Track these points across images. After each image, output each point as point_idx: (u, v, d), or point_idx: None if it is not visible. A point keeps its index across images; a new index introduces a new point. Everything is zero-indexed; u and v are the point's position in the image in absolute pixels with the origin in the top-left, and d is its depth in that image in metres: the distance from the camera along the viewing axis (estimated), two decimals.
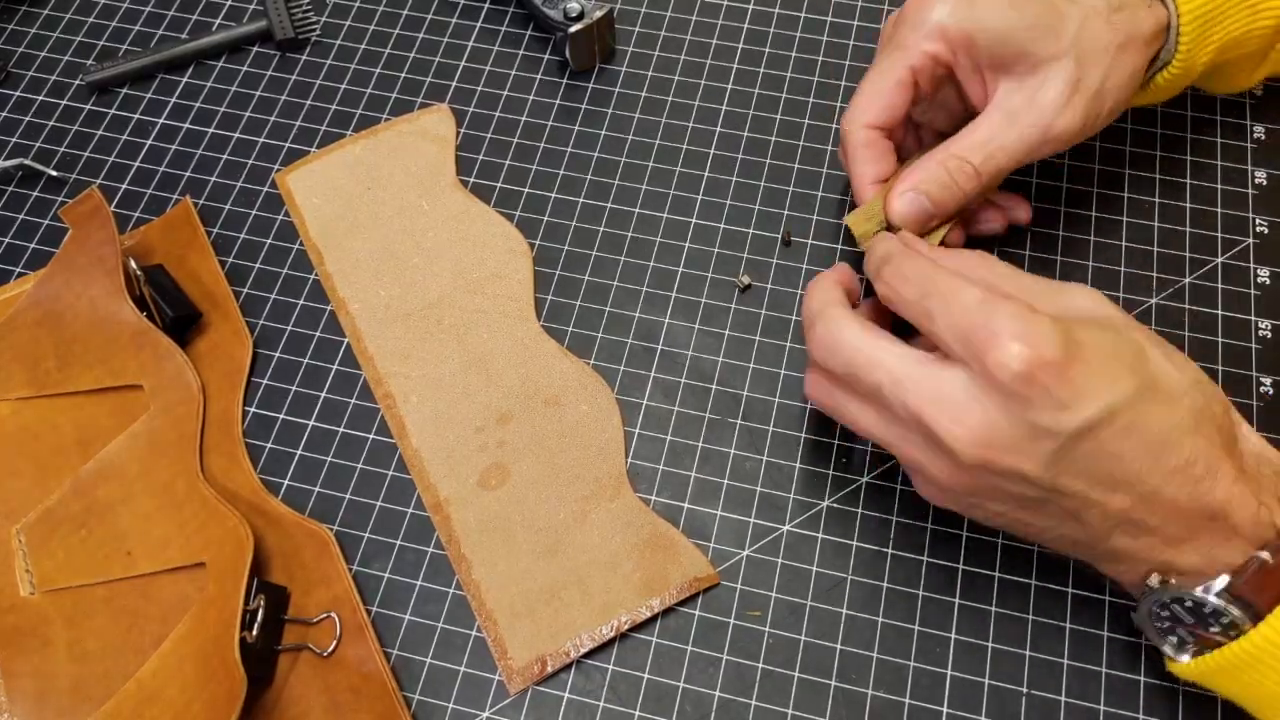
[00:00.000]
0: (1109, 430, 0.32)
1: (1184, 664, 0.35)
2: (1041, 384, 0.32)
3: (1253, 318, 0.46)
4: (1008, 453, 0.33)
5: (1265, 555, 0.33)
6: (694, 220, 0.50)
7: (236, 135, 0.53)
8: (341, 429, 0.46)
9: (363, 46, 0.56)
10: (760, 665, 0.41)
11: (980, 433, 0.33)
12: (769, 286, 0.48)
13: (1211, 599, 0.33)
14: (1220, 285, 0.47)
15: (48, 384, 0.46)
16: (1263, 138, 0.51)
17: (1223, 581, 0.33)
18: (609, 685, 0.41)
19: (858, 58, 0.54)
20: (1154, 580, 0.35)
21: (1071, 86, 0.40)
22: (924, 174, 0.41)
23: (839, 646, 0.41)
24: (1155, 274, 0.48)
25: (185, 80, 0.55)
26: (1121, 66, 0.41)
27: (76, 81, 0.55)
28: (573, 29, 0.51)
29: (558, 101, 0.54)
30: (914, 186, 0.41)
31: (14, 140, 0.54)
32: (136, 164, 0.53)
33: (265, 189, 0.52)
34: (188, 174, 0.52)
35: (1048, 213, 0.49)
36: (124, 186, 0.52)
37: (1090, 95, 0.41)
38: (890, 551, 0.42)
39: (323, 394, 0.47)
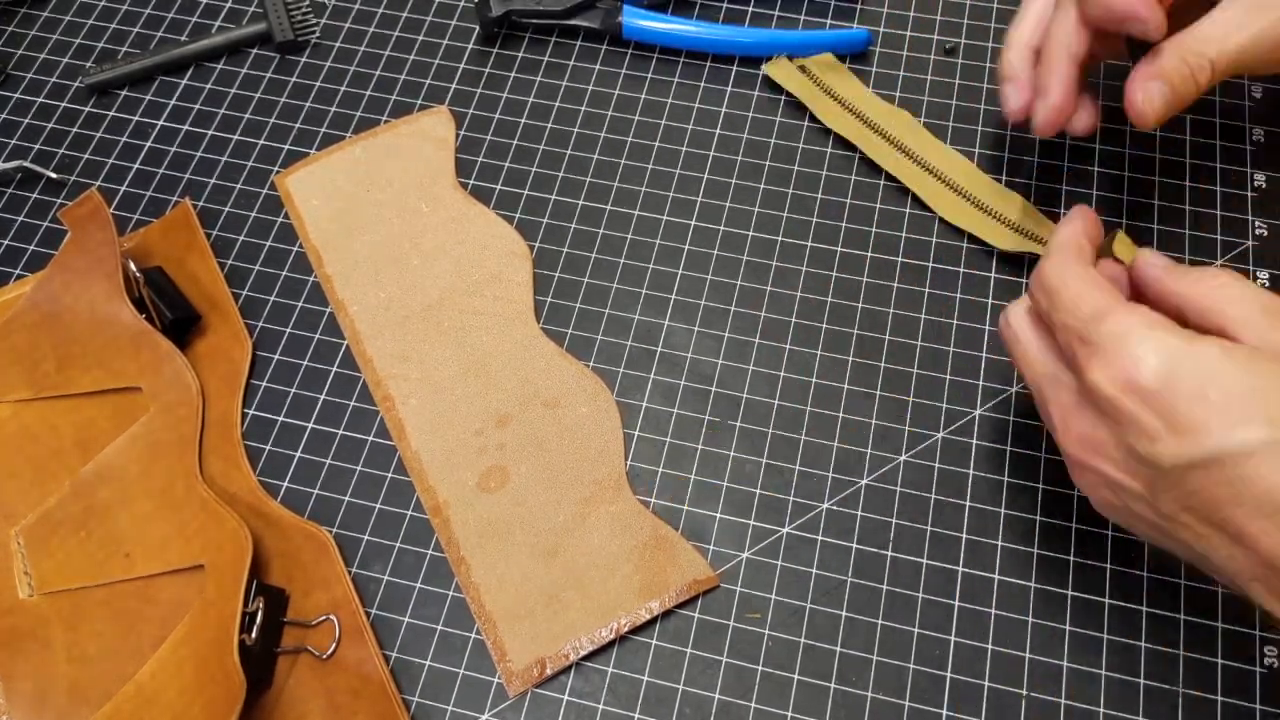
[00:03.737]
0: (1220, 474, 0.29)
1: None
2: (1130, 410, 0.31)
3: None
4: (1113, 465, 0.32)
5: None
6: (693, 222, 0.50)
7: (236, 137, 0.53)
8: (341, 431, 0.46)
9: (362, 48, 0.56)
10: (760, 668, 0.41)
11: (1084, 441, 0.33)
12: (768, 289, 0.48)
13: None
14: None
15: (46, 386, 0.46)
16: (1262, 140, 0.51)
17: None
18: (608, 688, 0.41)
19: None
20: None
21: None
22: (1165, 64, 0.37)
23: (838, 649, 0.41)
24: None
25: (184, 82, 0.55)
26: None
27: (76, 83, 0.55)
28: None
29: (557, 104, 0.54)
30: (1157, 75, 0.37)
31: (13, 142, 0.54)
32: (136, 166, 0.53)
33: (264, 191, 0.52)
34: (187, 176, 0.52)
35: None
36: (123, 188, 0.52)
37: None
38: (889, 554, 0.42)
39: (322, 396, 0.47)
